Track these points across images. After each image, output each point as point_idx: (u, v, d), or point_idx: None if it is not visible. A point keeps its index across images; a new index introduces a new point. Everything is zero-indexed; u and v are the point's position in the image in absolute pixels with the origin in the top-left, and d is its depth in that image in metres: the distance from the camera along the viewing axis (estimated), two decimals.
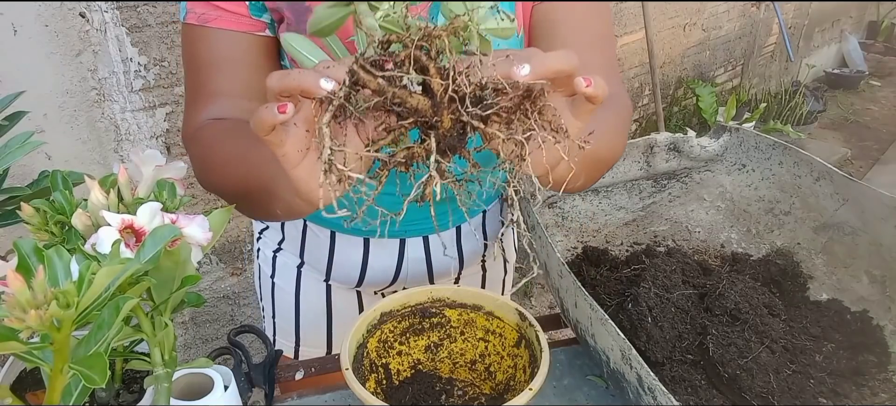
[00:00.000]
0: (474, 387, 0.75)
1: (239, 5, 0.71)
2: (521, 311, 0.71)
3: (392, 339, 0.74)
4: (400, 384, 0.73)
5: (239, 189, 0.67)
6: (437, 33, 0.42)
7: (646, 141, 0.99)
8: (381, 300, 0.73)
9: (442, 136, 0.43)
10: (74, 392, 0.41)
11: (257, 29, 0.73)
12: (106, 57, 1.56)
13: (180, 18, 0.74)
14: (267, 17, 0.73)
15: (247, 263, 2.03)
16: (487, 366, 0.75)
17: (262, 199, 0.63)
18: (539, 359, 0.64)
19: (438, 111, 0.42)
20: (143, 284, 0.43)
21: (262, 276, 1.01)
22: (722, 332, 0.73)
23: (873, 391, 0.70)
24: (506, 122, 0.44)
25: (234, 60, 0.73)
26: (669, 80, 3.81)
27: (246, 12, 0.72)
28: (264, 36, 0.74)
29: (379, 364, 0.72)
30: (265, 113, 0.44)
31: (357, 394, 0.60)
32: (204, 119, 0.74)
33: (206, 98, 0.74)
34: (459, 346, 0.76)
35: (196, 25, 0.72)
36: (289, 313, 1.00)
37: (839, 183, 0.87)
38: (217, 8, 0.71)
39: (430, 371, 0.75)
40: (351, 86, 0.42)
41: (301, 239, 0.93)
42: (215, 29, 0.72)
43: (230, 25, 0.72)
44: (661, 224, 1.00)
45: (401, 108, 0.43)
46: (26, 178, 0.59)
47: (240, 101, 0.74)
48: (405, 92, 0.42)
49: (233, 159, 0.67)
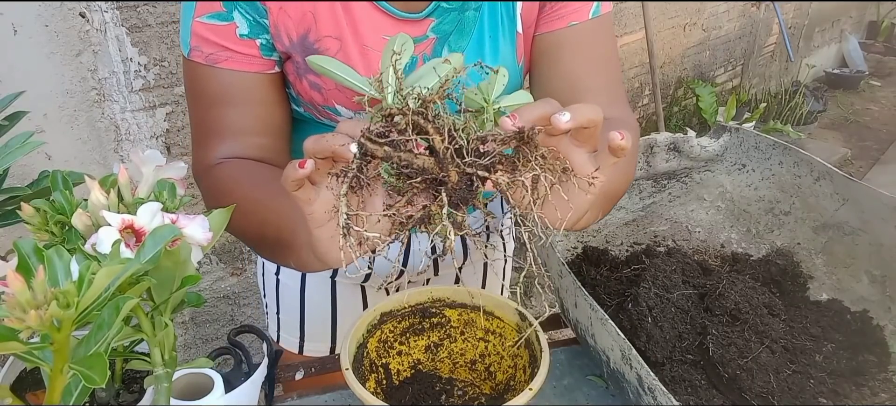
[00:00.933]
0: (474, 387, 0.75)
1: (249, 46, 0.70)
2: (521, 311, 0.71)
3: (392, 339, 0.74)
4: (400, 384, 0.73)
5: (254, 235, 0.68)
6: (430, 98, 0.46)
7: (646, 141, 0.99)
8: (382, 300, 0.73)
9: (452, 190, 0.46)
10: (74, 392, 0.41)
11: (267, 68, 0.73)
12: (106, 57, 1.56)
13: (183, 52, 0.72)
14: (276, 55, 0.73)
15: (247, 263, 2.03)
16: (487, 366, 0.75)
17: (276, 248, 0.65)
18: (539, 359, 0.64)
19: (444, 167, 0.46)
20: (143, 284, 0.43)
21: (266, 273, 1.02)
22: (722, 332, 0.73)
23: (873, 391, 0.70)
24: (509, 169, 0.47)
25: (245, 100, 0.73)
26: (669, 80, 3.81)
27: (257, 53, 0.71)
28: (274, 73, 0.74)
29: (379, 364, 0.72)
30: (290, 170, 0.47)
31: (357, 394, 0.60)
32: (217, 156, 0.73)
33: (217, 135, 0.73)
34: (459, 346, 0.76)
35: (203, 64, 0.71)
36: (294, 309, 1.00)
37: (839, 183, 0.87)
38: (226, 49, 0.70)
39: (430, 371, 0.75)
40: (361, 157, 0.47)
41: None
42: (226, 70, 0.71)
43: (242, 66, 0.71)
44: (661, 224, 1.00)
45: (409, 170, 0.46)
46: (26, 178, 0.59)
47: (252, 137, 0.74)
48: (410, 155, 0.45)
49: (250, 205, 0.66)
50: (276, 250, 0.65)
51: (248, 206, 0.67)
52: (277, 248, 0.65)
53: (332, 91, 0.74)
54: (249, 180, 0.70)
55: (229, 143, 0.73)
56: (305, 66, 0.72)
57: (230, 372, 0.71)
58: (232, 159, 0.73)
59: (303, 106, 0.79)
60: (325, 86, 0.73)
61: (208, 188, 0.74)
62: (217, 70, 0.71)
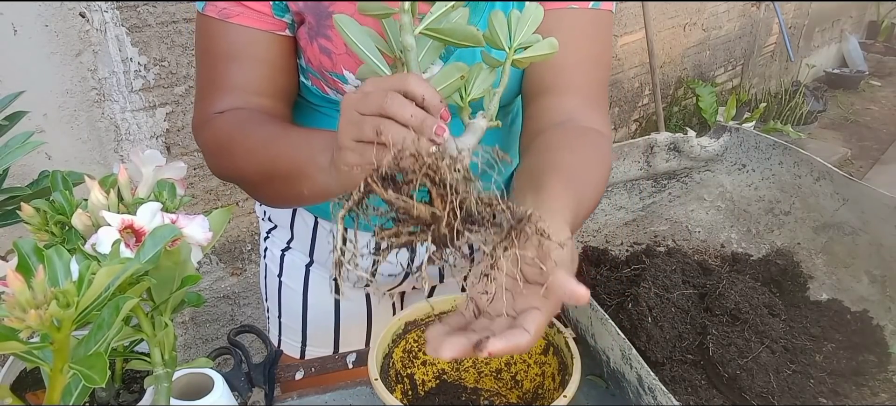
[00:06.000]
0: (500, 396, 0.74)
1: (263, 4, 0.71)
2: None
3: (416, 349, 0.73)
4: (425, 394, 0.73)
5: (263, 172, 0.70)
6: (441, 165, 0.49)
7: (646, 141, 0.99)
8: (385, 304, 0.73)
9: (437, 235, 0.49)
10: (74, 392, 0.41)
11: (278, 28, 0.73)
12: (106, 57, 1.56)
13: (198, 8, 0.73)
14: (288, 17, 0.73)
15: (247, 263, 2.03)
16: (513, 374, 0.74)
17: (289, 178, 0.67)
18: (570, 366, 0.63)
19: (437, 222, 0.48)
20: (143, 284, 0.43)
21: (269, 276, 1.01)
22: (722, 332, 0.73)
23: (873, 391, 0.70)
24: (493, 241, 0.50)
25: (253, 58, 0.73)
26: (669, 80, 3.81)
27: (269, 12, 0.72)
28: (284, 35, 0.74)
29: (404, 375, 0.72)
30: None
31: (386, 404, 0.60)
32: (219, 108, 0.74)
33: (221, 90, 0.74)
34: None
35: (216, 18, 0.72)
36: (296, 313, 0.99)
37: (839, 183, 0.87)
38: (240, 4, 0.71)
39: (456, 381, 0.75)
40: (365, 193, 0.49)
41: (311, 238, 0.93)
42: (237, 25, 0.72)
43: (253, 23, 0.72)
44: (661, 224, 1.00)
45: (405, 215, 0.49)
46: (26, 178, 0.59)
47: (256, 97, 0.74)
48: (410, 204, 0.48)
49: (261, 143, 0.69)
50: (290, 180, 0.67)
51: (257, 145, 0.69)
52: (291, 178, 0.66)
53: (341, 56, 0.73)
54: (257, 122, 0.71)
55: (232, 98, 0.74)
56: (317, 29, 0.73)
57: (230, 372, 0.71)
58: (234, 109, 0.74)
59: (310, 78, 0.79)
60: (336, 51, 0.73)
61: (209, 138, 0.74)
62: (228, 25, 0.72)
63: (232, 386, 0.68)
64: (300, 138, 0.67)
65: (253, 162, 0.70)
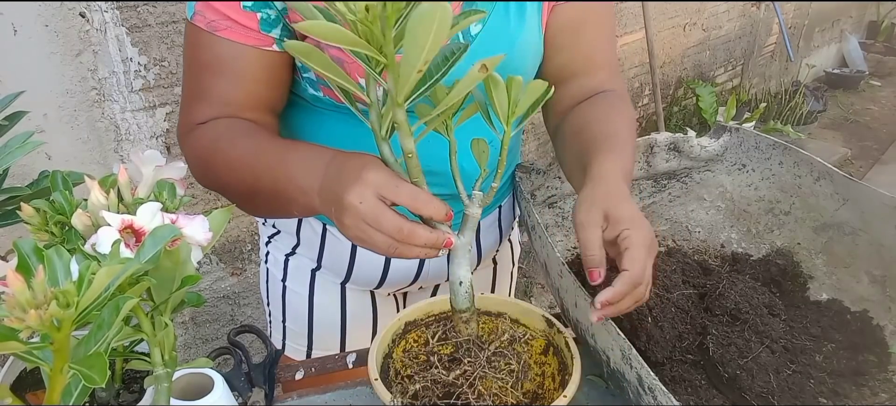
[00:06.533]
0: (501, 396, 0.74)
1: (249, 18, 0.71)
2: (549, 317, 0.70)
3: (416, 349, 0.73)
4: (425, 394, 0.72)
5: (246, 188, 0.70)
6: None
7: (646, 141, 0.99)
8: (390, 306, 0.73)
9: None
10: (74, 392, 0.41)
11: (264, 44, 0.72)
12: (106, 57, 1.56)
13: (187, 15, 0.73)
14: (276, 32, 0.73)
15: (247, 264, 2.03)
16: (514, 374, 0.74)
17: (274, 198, 0.68)
18: (570, 366, 0.63)
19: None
20: (143, 284, 0.43)
21: (271, 280, 1.00)
22: (722, 332, 0.73)
23: (873, 391, 0.70)
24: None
25: (237, 71, 0.73)
26: (669, 80, 3.81)
27: (256, 27, 0.71)
28: (271, 51, 0.73)
29: (404, 374, 0.71)
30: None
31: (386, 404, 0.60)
32: (203, 118, 0.74)
33: (205, 101, 0.74)
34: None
35: (203, 29, 0.71)
36: (302, 317, 0.98)
37: (839, 183, 0.87)
38: (227, 18, 0.70)
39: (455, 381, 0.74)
40: None
41: (320, 244, 0.92)
42: (223, 38, 0.71)
43: (239, 38, 0.71)
44: (661, 224, 1.00)
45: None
46: (26, 178, 0.59)
47: (238, 110, 0.74)
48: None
49: (245, 158, 0.69)
50: (272, 199, 0.68)
51: (242, 159, 0.69)
52: (274, 197, 0.68)
53: (352, 65, 0.72)
54: (241, 135, 0.72)
55: (215, 108, 0.74)
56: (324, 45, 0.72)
57: (230, 372, 0.71)
58: (215, 119, 0.74)
59: (322, 89, 0.77)
60: (347, 59, 0.72)
61: (192, 148, 0.75)
62: (214, 38, 0.71)
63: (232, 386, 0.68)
64: (278, 159, 0.67)
65: (235, 178, 0.71)
